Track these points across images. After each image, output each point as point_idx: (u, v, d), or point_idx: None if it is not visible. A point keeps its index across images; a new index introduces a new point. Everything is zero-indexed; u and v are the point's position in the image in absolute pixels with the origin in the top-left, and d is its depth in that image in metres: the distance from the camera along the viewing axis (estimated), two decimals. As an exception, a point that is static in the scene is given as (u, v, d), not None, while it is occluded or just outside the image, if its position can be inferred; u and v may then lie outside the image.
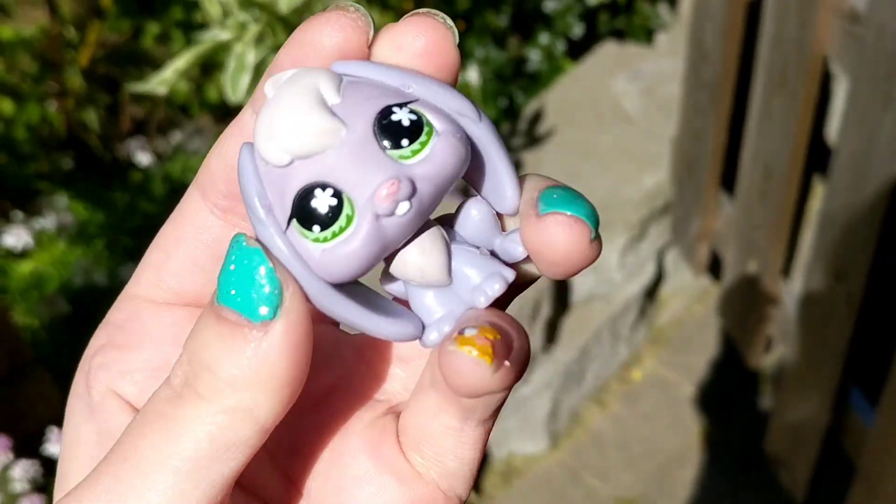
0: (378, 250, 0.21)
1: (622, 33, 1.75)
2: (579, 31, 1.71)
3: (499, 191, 0.23)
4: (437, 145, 0.21)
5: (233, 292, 0.20)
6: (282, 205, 0.21)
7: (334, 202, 0.20)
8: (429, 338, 0.22)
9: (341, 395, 0.25)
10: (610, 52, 1.74)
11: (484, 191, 0.23)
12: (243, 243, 0.20)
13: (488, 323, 0.21)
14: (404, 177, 0.20)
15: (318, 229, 0.20)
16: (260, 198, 0.21)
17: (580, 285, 1.52)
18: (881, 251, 1.05)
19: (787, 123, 1.19)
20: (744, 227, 1.38)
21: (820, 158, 1.35)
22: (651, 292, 1.62)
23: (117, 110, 1.81)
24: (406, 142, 0.21)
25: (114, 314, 0.26)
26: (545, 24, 1.73)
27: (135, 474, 0.20)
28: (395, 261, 0.22)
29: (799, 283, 1.34)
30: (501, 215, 0.23)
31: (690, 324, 1.65)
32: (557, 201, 0.22)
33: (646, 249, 1.57)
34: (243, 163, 0.21)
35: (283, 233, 0.21)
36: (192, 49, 0.79)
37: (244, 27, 0.77)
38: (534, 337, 1.41)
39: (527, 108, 1.64)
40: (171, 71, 0.80)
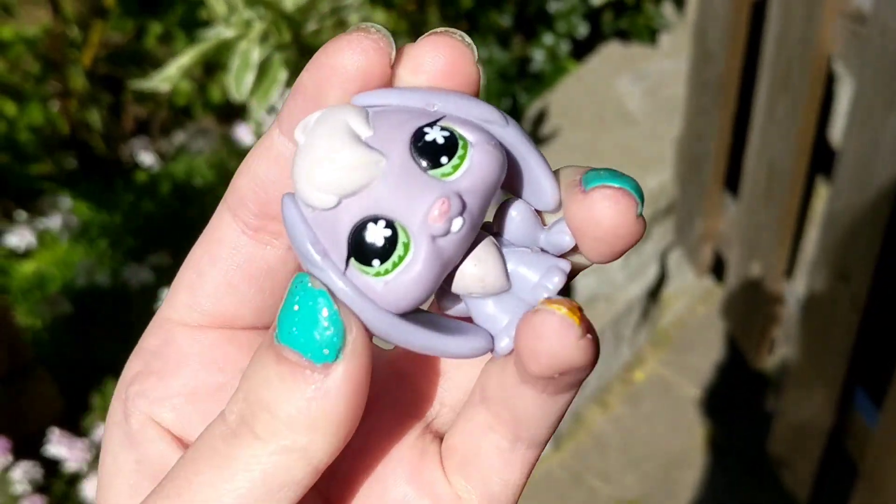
0: (439, 271, 0.21)
1: (626, 33, 1.75)
2: (584, 31, 1.71)
3: (536, 189, 0.23)
4: (475, 156, 0.21)
5: (295, 331, 0.20)
6: (336, 246, 0.20)
7: (389, 233, 0.20)
8: (500, 345, 0.22)
9: (378, 413, 0.25)
10: (613, 52, 1.73)
11: (522, 193, 0.23)
12: (308, 284, 0.20)
13: (568, 303, 0.20)
14: (452, 193, 0.20)
15: (377, 263, 0.20)
16: (313, 244, 0.21)
17: (582, 286, 1.51)
18: (885, 252, 1.05)
19: (791, 124, 1.19)
20: (747, 227, 1.37)
21: (824, 159, 1.35)
22: (654, 293, 1.62)
23: (120, 110, 1.81)
24: (445, 159, 0.21)
25: (148, 340, 0.26)
26: (549, 25, 1.72)
27: None
28: (455, 278, 0.22)
29: (802, 284, 1.34)
30: (540, 213, 0.23)
31: (693, 325, 1.64)
32: (603, 177, 0.21)
33: (649, 250, 1.56)
34: (289, 213, 0.21)
35: (343, 274, 0.20)
36: (196, 46, 0.79)
37: (249, 25, 0.77)
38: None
39: (530, 109, 1.64)
40: (175, 68, 0.80)
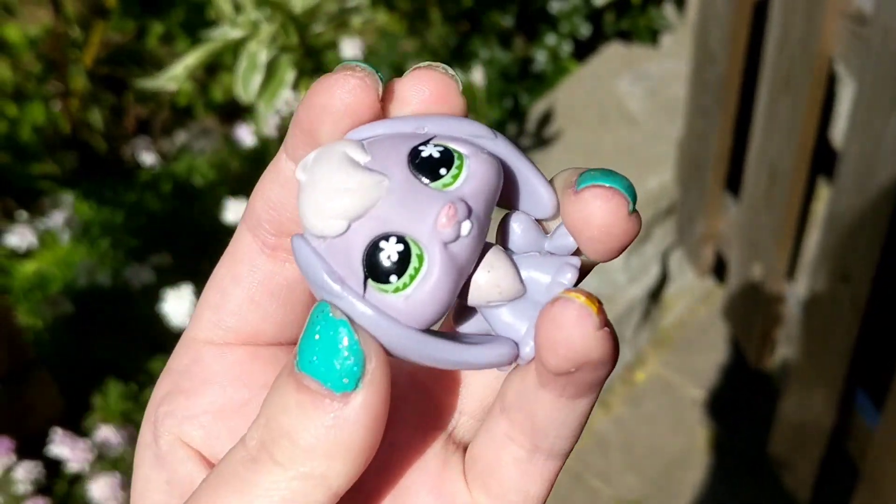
0: (456, 277, 0.21)
1: (627, 34, 1.75)
2: (586, 31, 1.71)
3: (534, 198, 0.23)
4: (472, 165, 0.22)
5: (315, 360, 0.20)
6: (352, 271, 0.21)
7: (401, 248, 0.21)
8: (525, 350, 0.22)
9: (400, 426, 0.25)
10: (615, 52, 1.73)
11: (520, 204, 0.24)
12: (329, 314, 0.20)
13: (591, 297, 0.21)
14: (457, 199, 0.21)
15: (395, 279, 0.21)
16: (329, 274, 0.21)
17: (584, 286, 1.51)
18: (886, 253, 1.05)
19: (792, 125, 1.19)
20: (748, 228, 1.37)
21: (825, 160, 1.35)
22: (655, 294, 1.62)
23: (121, 110, 1.81)
24: (444, 171, 0.21)
25: (175, 361, 0.26)
26: (551, 25, 1.72)
27: None
28: (470, 290, 0.22)
29: (804, 285, 1.34)
30: (541, 222, 0.24)
31: (694, 326, 1.64)
32: (594, 177, 0.22)
33: (650, 251, 1.56)
34: (300, 252, 0.21)
35: (363, 298, 0.21)
36: (202, 46, 0.79)
37: (256, 26, 0.77)
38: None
39: (532, 109, 1.64)
40: (182, 67, 0.80)
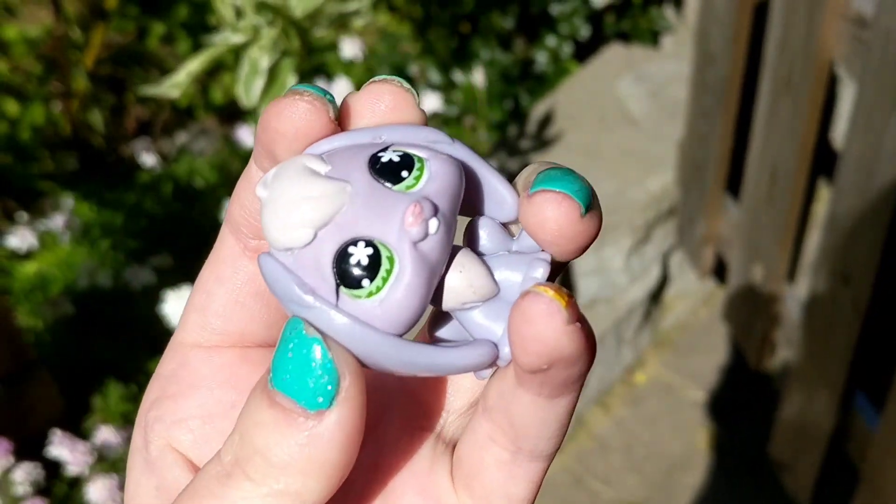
0: (428, 277, 0.21)
1: (628, 35, 1.75)
2: (586, 32, 1.71)
3: (497, 201, 0.23)
4: (433, 166, 0.21)
5: (288, 378, 0.20)
6: (323, 280, 0.20)
7: (370, 251, 0.20)
8: (503, 352, 0.22)
9: (389, 427, 0.25)
10: (615, 54, 1.73)
11: (484, 208, 0.23)
12: (302, 331, 0.20)
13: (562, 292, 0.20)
14: (422, 198, 0.21)
15: (367, 283, 0.20)
16: (300, 286, 0.21)
17: (584, 288, 1.51)
18: (887, 254, 1.05)
19: (793, 127, 1.19)
20: (749, 230, 1.37)
21: (826, 162, 1.35)
22: (656, 295, 1.62)
23: (122, 111, 1.81)
24: (405, 173, 0.21)
25: (164, 366, 0.26)
26: (551, 26, 1.72)
27: None
28: (444, 294, 0.22)
29: (804, 286, 1.34)
30: (507, 225, 0.23)
31: (695, 327, 1.64)
32: (546, 179, 0.22)
33: (651, 252, 1.56)
34: (268, 268, 0.21)
35: (336, 307, 0.20)
36: (204, 52, 0.79)
37: (257, 30, 0.77)
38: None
39: (532, 111, 1.64)
40: (184, 74, 0.79)
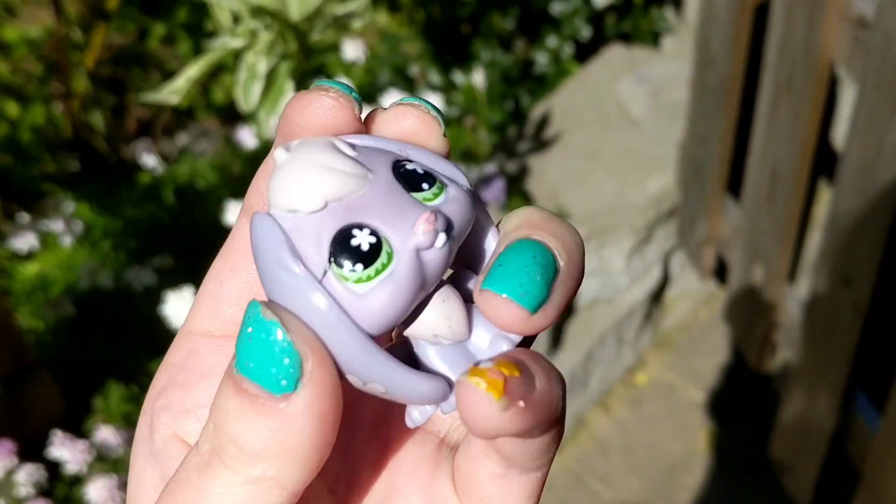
0: (417, 288, 0.20)
1: (628, 36, 1.75)
2: (587, 33, 1.71)
3: (483, 258, 0.23)
4: (451, 192, 0.21)
5: (250, 365, 0.20)
6: (316, 252, 0.20)
7: (374, 240, 0.20)
8: (452, 400, 0.22)
9: (394, 426, 0.25)
10: (616, 55, 1.73)
11: (469, 261, 0.23)
12: (260, 314, 0.20)
13: (510, 357, 0.20)
14: (438, 211, 0.20)
15: (360, 268, 0.20)
16: (291, 250, 0.20)
17: (585, 289, 1.51)
18: (887, 255, 1.05)
19: (793, 128, 1.19)
20: (750, 231, 1.37)
21: (826, 163, 1.35)
22: (656, 296, 1.62)
23: (123, 112, 1.81)
24: (426, 186, 0.21)
25: (172, 355, 0.26)
26: (552, 27, 1.72)
27: None
28: (418, 319, 0.22)
29: (805, 287, 1.34)
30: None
31: (696, 328, 1.64)
32: (498, 274, 0.21)
33: (651, 253, 1.56)
34: (262, 226, 0.20)
35: (320, 283, 0.20)
36: (203, 57, 0.79)
37: (255, 35, 0.77)
38: (538, 340, 1.41)
39: (533, 111, 1.64)
40: (184, 80, 0.79)
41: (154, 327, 1.20)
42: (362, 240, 0.20)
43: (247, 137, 1.40)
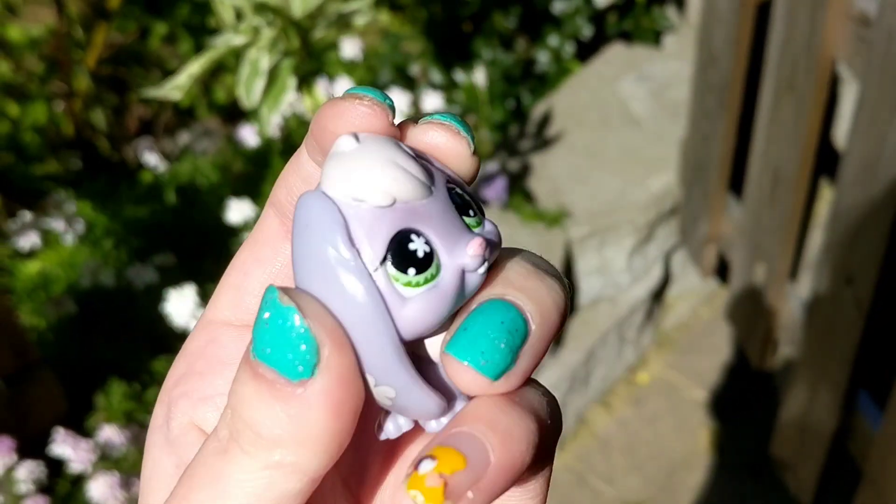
0: (454, 304, 0.21)
1: (630, 35, 1.75)
2: (588, 32, 1.71)
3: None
4: (487, 225, 0.22)
5: (268, 351, 0.20)
6: (372, 246, 0.20)
7: (428, 249, 0.20)
8: (440, 422, 0.22)
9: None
10: (617, 53, 1.73)
11: None
12: (277, 300, 0.20)
13: (457, 446, 0.20)
14: (489, 240, 0.21)
15: (412, 272, 0.20)
16: (349, 235, 0.20)
17: (587, 288, 1.52)
18: (889, 254, 1.05)
19: (795, 127, 1.19)
20: (751, 230, 1.37)
21: (828, 161, 1.34)
22: (658, 295, 1.62)
23: (124, 111, 1.81)
24: (472, 212, 0.22)
25: (192, 342, 0.26)
26: (554, 26, 1.72)
27: None
28: (434, 339, 0.22)
29: (807, 286, 1.34)
30: None
31: (697, 327, 1.64)
32: (462, 339, 0.21)
33: (653, 252, 1.56)
34: (320, 205, 0.20)
35: (370, 276, 0.20)
36: (205, 54, 0.78)
37: (257, 32, 0.77)
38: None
39: (534, 110, 1.64)
40: (186, 76, 0.79)
41: (156, 325, 1.20)
42: (419, 246, 0.20)
43: (248, 136, 1.40)
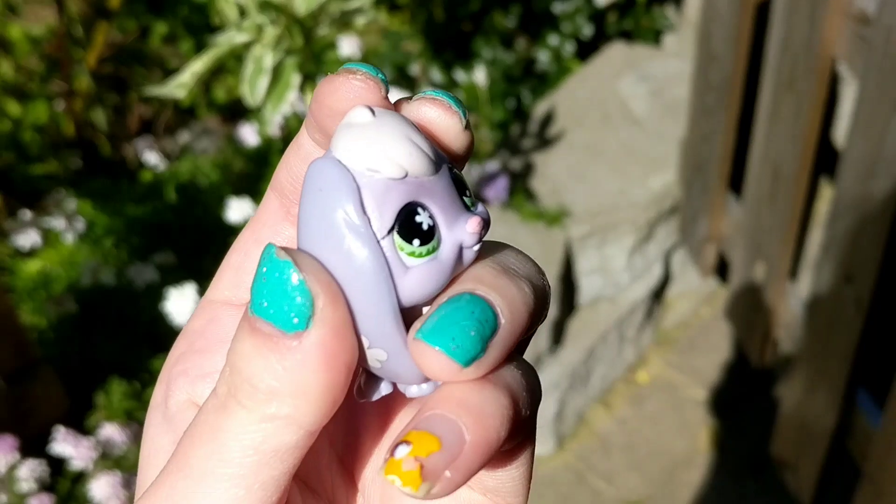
0: (450, 276, 0.22)
1: (630, 34, 1.75)
2: (588, 31, 1.71)
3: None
4: (480, 208, 0.23)
5: (265, 304, 0.20)
6: (380, 215, 0.21)
7: (432, 223, 0.22)
8: (421, 389, 0.23)
9: (402, 400, 0.26)
10: (618, 52, 1.73)
11: None
12: (274, 255, 0.20)
13: (431, 429, 0.20)
14: (486, 220, 0.22)
15: (417, 243, 0.21)
16: (356, 205, 0.21)
17: (587, 287, 1.52)
18: (889, 252, 1.05)
19: (795, 125, 1.19)
20: (751, 229, 1.37)
21: (828, 160, 1.35)
22: (658, 294, 1.62)
23: (125, 110, 1.81)
24: (468, 193, 0.23)
25: (193, 322, 0.26)
26: (554, 26, 1.72)
27: (188, 484, 0.21)
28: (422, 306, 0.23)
29: (806, 285, 1.34)
30: None
31: (697, 326, 1.64)
32: (433, 325, 0.21)
33: (653, 251, 1.57)
34: (335, 171, 0.21)
35: (378, 242, 0.21)
36: (209, 52, 0.79)
37: (261, 30, 0.77)
38: (540, 338, 1.41)
39: (535, 109, 1.64)
40: (189, 74, 0.79)
41: (156, 324, 1.20)
42: (424, 219, 0.21)
43: (248, 135, 1.40)
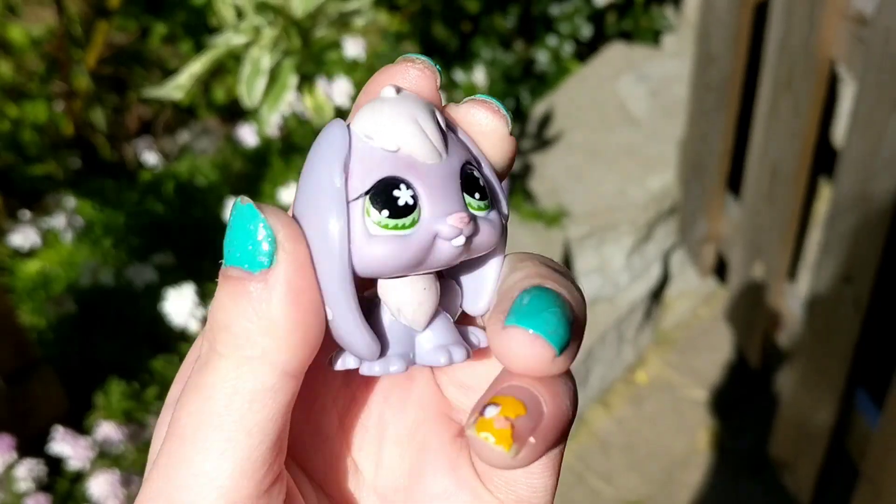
0: (415, 262, 0.22)
1: (629, 35, 1.75)
2: (587, 32, 1.71)
3: (475, 293, 0.25)
4: (492, 215, 0.23)
5: (234, 252, 0.21)
6: (362, 179, 0.22)
7: (411, 202, 0.22)
8: (372, 368, 0.23)
9: (421, 409, 0.26)
10: (617, 53, 1.73)
11: (462, 279, 0.25)
12: (239, 203, 0.21)
13: (516, 395, 0.21)
14: (474, 218, 0.22)
15: (385, 214, 0.22)
16: (345, 163, 0.22)
17: (586, 287, 1.52)
18: (888, 253, 1.05)
19: (793, 126, 1.19)
20: (750, 229, 1.37)
21: (826, 160, 1.35)
22: (657, 294, 1.62)
23: (124, 110, 1.81)
24: (478, 195, 0.23)
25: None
26: (552, 26, 1.72)
27: (181, 444, 0.22)
28: (394, 290, 0.23)
29: (805, 285, 1.34)
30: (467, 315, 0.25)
31: (696, 326, 1.65)
32: (524, 311, 0.21)
33: (652, 251, 1.57)
34: (337, 134, 0.22)
35: (347, 203, 0.22)
36: (207, 53, 0.79)
37: (258, 31, 0.77)
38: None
39: (534, 110, 1.64)
40: (188, 76, 0.80)
41: (155, 324, 1.20)
42: (403, 195, 0.22)
43: (247, 135, 1.40)
